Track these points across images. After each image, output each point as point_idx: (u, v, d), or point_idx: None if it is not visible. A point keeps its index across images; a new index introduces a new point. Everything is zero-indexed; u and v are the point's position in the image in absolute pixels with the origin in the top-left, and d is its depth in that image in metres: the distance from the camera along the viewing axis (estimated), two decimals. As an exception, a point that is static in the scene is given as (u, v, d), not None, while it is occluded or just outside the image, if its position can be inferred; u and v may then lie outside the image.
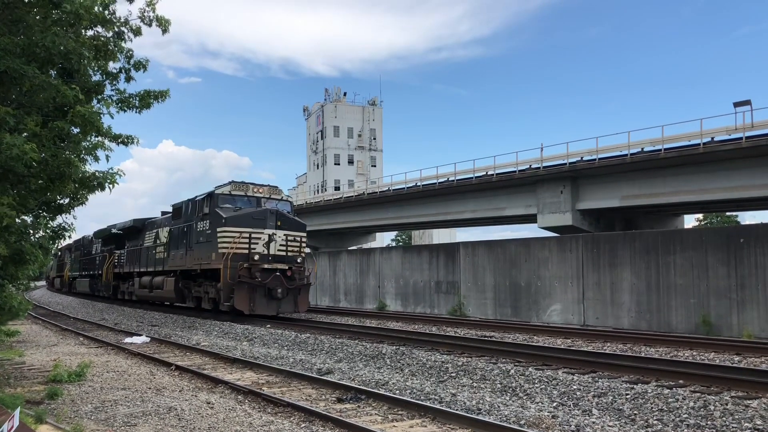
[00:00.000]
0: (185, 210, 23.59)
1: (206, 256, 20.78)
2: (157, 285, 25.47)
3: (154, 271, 26.26)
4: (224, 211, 20.39)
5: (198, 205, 21.98)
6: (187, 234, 22.69)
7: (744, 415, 6.86)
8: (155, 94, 9.16)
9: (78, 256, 44.53)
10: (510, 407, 7.77)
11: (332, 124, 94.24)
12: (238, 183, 21.51)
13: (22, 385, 9.97)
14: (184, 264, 22.68)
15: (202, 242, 21.19)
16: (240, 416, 7.70)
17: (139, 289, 27.97)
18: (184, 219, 23.48)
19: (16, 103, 7.97)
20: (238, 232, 19.75)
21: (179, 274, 23.47)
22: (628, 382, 8.66)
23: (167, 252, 24.79)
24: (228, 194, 21.05)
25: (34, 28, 7.63)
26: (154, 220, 28.62)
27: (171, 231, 24.62)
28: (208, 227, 20.82)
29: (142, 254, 28.32)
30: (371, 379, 9.90)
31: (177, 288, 23.45)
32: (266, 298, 19.64)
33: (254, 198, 21.37)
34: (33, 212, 9.66)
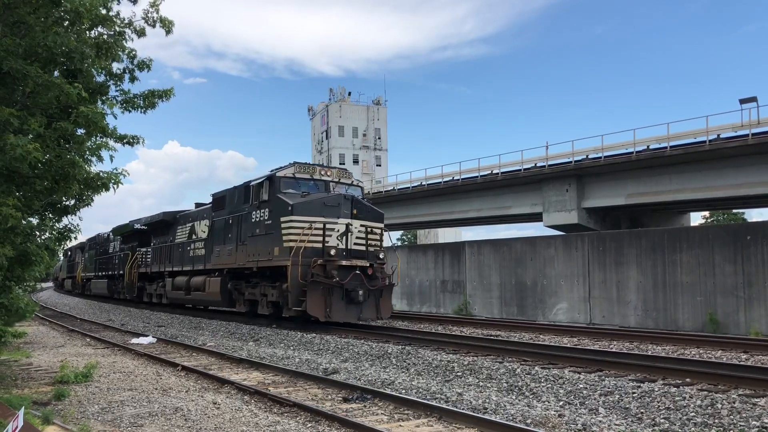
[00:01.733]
0: (231, 199, 20.39)
1: (265, 252, 17.47)
2: (196, 286, 22.18)
3: (192, 271, 22.97)
4: (289, 197, 17.08)
5: (252, 192, 18.64)
6: (236, 226, 19.49)
7: (752, 413, 6.82)
8: (159, 93, 9.17)
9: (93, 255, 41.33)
10: (516, 406, 7.75)
11: (337, 124, 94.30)
12: (302, 164, 18.11)
13: (29, 386, 10.00)
14: (234, 261, 19.37)
15: (259, 235, 17.87)
16: (246, 416, 7.70)
17: (173, 291, 24.62)
18: (229, 209, 20.33)
19: (20, 104, 7.99)
20: (309, 222, 16.44)
21: (226, 274, 20.20)
22: (634, 381, 8.62)
23: (208, 248, 21.76)
24: (291, 177, 17.69)
25: (36, 29, 7.65)
26: (187, 212, 25.65)
27: (213, 224, 21.46)
28: (267, 217, 17.54)
29: (173, 251, 25.46)
30: (377, 379, 9.89)
31: (224, 290, 20.20)
32: (344, 302, 16.28)
33: (321, 182, 17.95)
34: (38, 213, 9.69)
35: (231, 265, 19.62)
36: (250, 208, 18.59)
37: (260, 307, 18.63)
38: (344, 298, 16.23)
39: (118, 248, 34.50)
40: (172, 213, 26.88)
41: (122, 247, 33.52)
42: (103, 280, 36.75)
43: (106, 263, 37.05)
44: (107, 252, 37.34)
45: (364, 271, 16.73)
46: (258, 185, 18.30)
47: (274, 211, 17.33)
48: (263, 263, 17.57)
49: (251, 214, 18.45)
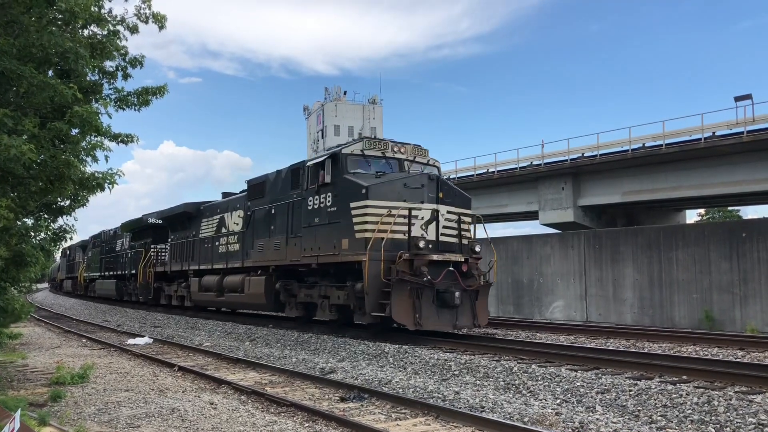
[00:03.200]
0: (274, 184, 17.67)
1: (327, 245, 14.47)
2: (232, 287, 19.32)
3: (225, 269, 20.05)
4: (360, 177, 14.19)
5: (306, 174, 15.75)
6: (283, 216, 16.64)
7: (748, 410, 6.83)
8: (153, 90, 9.15)
9: (97, 254, 38.00)
10: (513, 404, 7.75)
11: (333, 123, 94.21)
12: (372, 139, 15.24)
13: (25, 388, 9.96)
14: (283, 257, 16.34)
15: (319, 225, 14.87)
16: (243, 416, 7.68)
17: (199, 293, 21.72)
18: (272, 197, 17.61)
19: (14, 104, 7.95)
20: (387, 208, 13.45)
21: (272, 272, 17.19)
22: (631, 378, 8.63)
23: (245, 242, 18.89)
24: (360, 155, 14.72)
25: (30, 29, 7.62)
26: (213, 203, 23.00)
27: (253, 214, 18.46)
28: (329, 203, 14.64)
29: (197, 248, 22.74)
30: (374, 378, 9.89)
31: (269, 290, 17.14)
32: (435, 306, 13.20)
33: (394, 161, 14.97)
34: (33, 214, 9.66)
35: (279, 261, 16.58)
36: (306, 194, 15.58)
37: (319, 312, 15.56)
38: (435, 301, 13.20)
39: (128, 245, 31.77)
40: (194, 204, 24.11)
41: (132, 245, 30.85)
42: (111, 280, 33.82)
43: (114, 262, 34.17)
44: (114, 250, 34.56)
45: (458, 267, 13.72)
46: (316, 166, 15.25)
47: (340, 196, 14.26)
48: (325, 258, 14.54)
49: (306, 201, 15.48)
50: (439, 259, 13.47)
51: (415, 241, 13.37)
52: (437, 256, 13.49)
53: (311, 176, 15.52)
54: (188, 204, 24.39)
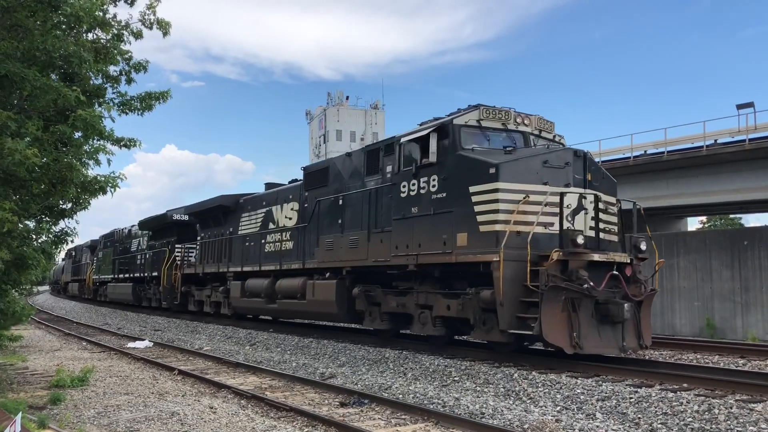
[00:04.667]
0: (343, 169, 14.97)
1: (434, 241, 11.52)
2: (288, 292, 16.32)
3: (278, 271, 17.15)
4: (483, 154, 11.29)
5: (399, 153, 12.79)
6: (360, 206, 13.88)
7: (749, 418, 6.82)
8: (156, 95, 9.18)
9: (109, 254, 35.05)
10: (513, 411, 7.74)
11: (335, 128, 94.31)
12: (490, 108, 12.02)
13: (25, 390, 9.97)
14: (363, 257, 13.43)
15: (419, 216, 11.98)
16: (243, 421, 7.68)
17: (244, 299, 18.83)
18: (339, 184, 14.94)
19: (18, 107, 7.98)
20: (524, 192, 10.50)
21: (347, 275, 14.26)
22: (632, 386, 8.61)
23: (304, 239, 16.09)
24: (476, 126, 11.79)
25: (34, 32, 7.66)
26: (255, 195, 20.34)
27: (317, 205, 15.52)
28: (436, 187, 11.67)
29: (235, 246, 20.04)
30: (374, 384, 9.88)
31: (342, 297, 14.22)
32: (595, 321, 10.15)
33: (518, 134, 12.10)
34: (35, 217, 9.67)
35: (357, 262, 13.69)
36: (396, 178, 12.72)
37: (416, 325, 12.53)
38: (594, 315, 10.17)
39: (146, 245, 29.14)
40: (232, 197, 21.35)
41: (152, 244, 28.17)
42: (126, 284, 30.92)
43: (129, 264, 31.26)
44: (129, 250, 31.93)
45: (622, 270, 10.72)
46: (413, 143, 12.32)
47: (452, 178, 11.39)
48: (430, 258, 11.67)
49: (397, 187, 12.63)
50: (601, 259, 10.40)
51: (571, 236, 10.29)
52: (599, 255, 10.41)
53: (404, 156, 12.63)
54: (225, 196, 21.51)
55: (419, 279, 12.53)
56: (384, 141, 13.89)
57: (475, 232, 10.78)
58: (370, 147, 14.32)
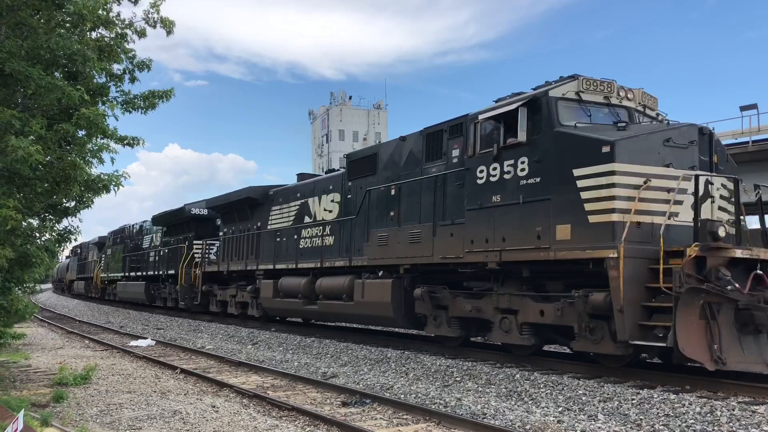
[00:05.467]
0: (396, 155, 13.54)
1: (523, 234, 10.01)
2: (332, 292, 14.86)
3: (317, 269, 15.72)
4: (590, 130, 9.78)
5: (476, 133, 11.13)
6: (417, 197, 12.52)
7: (751, 420, 6.81)
8: (159, 94, 9.21)
9: (119, 251, 33.63)
10: (515, 412, 7.74)
11: (337, 128, 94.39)
12: (590, 79, 10.48)
13: (28, 388, 9.99)
14: (427, 253, 11.93)
15: (502, 205, 10.43)
16: (245, 420, 7.69)
17: (276, 299, 17.37)
18: (392, 172, 13.50)
19: (22, 105, 8.01)
20: (644, 176, 9.07)
21: (405, 273, 12.78)
22: (633, 387, 8.61)
23: (348, 233, 14.76)
24: (575, 99, 10.27)
25: (38, 31, 7.68)
26: (286, 187, 18.90)
27: (366, 195, 14.09)
28: (527, 170, 10.07)
29: (263, 242, 18.64)
30: (376, 383, 9.89)
31: (398, 298, 12.79)
32: (737, 330, 8.47)
33: (622, 110, 10.56)
34: (39, 215, 9.70)
35: (420, 259, 12.19)
36: (471, 162, 11.11)
37: (496, 333, 10.98)
38: (735, 323, 8.47)
39: (160, 241, 27.83)
40: (261, 189, 19.77)
41: (167, 240, 26.87)
42: (138, 282, 29.48)
43: (141, 261, 29.91)
44: (140, 247, 30.63)
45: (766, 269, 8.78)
46: (493, 120, 10.79)
47: (548, 160, 9.83)
48: (518, 255, 10.12)
49: (472, 173, 11.07)
50: (744, 256, 8.58)
51: (710, 228, 8.60)
52: (742, 251, 8.63)
53: (481, 136, 11.05)
54: (253, 188, 19.99)
55: (500, 279, 10.96)
56: (448, 122, 12.15)
57: (581, 223, 9.24)
58: (429, 129, 12.60)
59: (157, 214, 27.76)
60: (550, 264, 9.82)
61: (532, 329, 10.49)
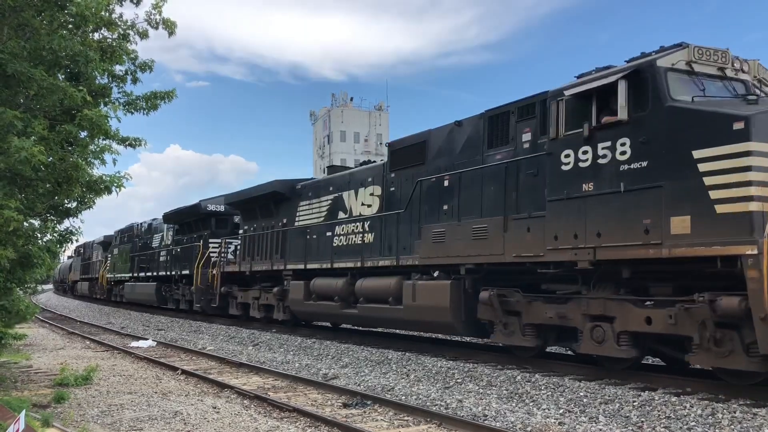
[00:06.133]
0: (451, 142, 12.41)
1: (624, 227, 8.67)
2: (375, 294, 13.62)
3: (356, 269, 14.51)
4: (712, 105, 8.54)
5: (561, 112, 9.74)
6: (478, 187, 11.36)
7: (752, 423, 6.81)
8: (161, 95, 9.22)
9: (127, 250, 32.63)
10: (516, 414, 7.74)
11: (339, 129, 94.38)
12: (703, 48, 9.18)
13: (29, 389, 10.00)
14: (497, 251, 10.60)
15: (595, 195, 9.09)
16: (246, 421, 7.70)
17: (308, 302, 16.04)
18: (444, 161, 12.44)
19: (24, 107, 8.02)
20: None
21: (466, 274, 11.36)
22: (635, 389, 8.60)
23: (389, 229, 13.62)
24: (686, 70, 8.98)
25: (41, 32, 7.70)
26: (315, 180, 18.30)
27: (417, 186, 12.82)
28: (629, 153, 8.75)
29: (290, 240, 17.48)
30: (377, 385, 9.89)
31: (458, 302, 11.40)
32: None
33: (739, 83, 9.25)
34: (41, 216, 9.71)
35: (487, 257, 10.83)
36: (556, 146, 9.71)
37: (586, 343, 9.50)
38: None
39: (171, 240, 26.77)
40: (288, 183, 18.61)
41: (179, 239, 25.71)
42: (148, 283, 28.32)
43: (151, 261, 28.83)
44: (150, 246, 29.59)
45: None
46: (582, 96, 9.49)
47: (660, 139, 8.50)
48: (622, 252, 8.75)
49: (555, 158, 9.71)
50: None
51: None
52: None
53: (566, 116, 9.70)
54: (280, 182, 18.78)
55: (590, 280, 9.56)
56: (515, 103, 11.04)
57: (705, 214, 7.90)
58: (492, 112, 11.44)
59: (169, 212, 26.71)
60: (660, 263, 8.46)
61: (632, 339, 8.98)
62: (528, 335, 10.47)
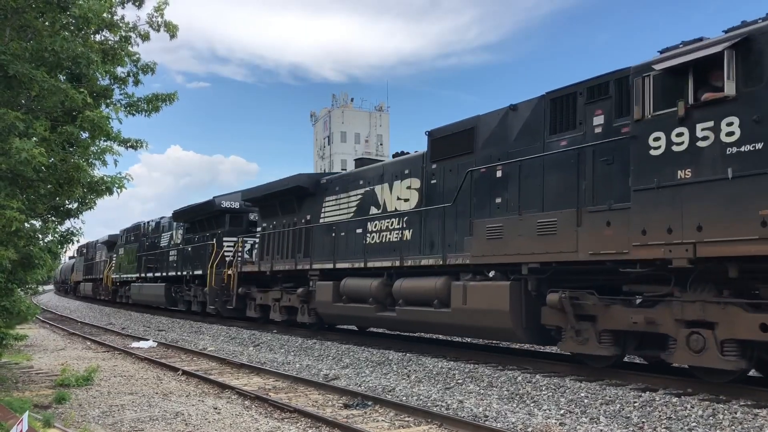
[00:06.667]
0: (504, 128, 11.31)
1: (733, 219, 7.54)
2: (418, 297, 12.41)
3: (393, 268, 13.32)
4: None
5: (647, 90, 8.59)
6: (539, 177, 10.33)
7: (753, 423, 6.81)
8: (163, 97, 9.23)
9: (133, 250, 31.61)
10: (517, 414, 7.74)
11: (339, 130, 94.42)
12: None
13: (30, 389, 10.01)
14: (569, 248, 9.43)
15: (695, 182, 7.97)
16: (247, 422, 7.70)
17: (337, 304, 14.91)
18: (496, 149, 11.36)
19: (26, 108, 8.04)
20: None
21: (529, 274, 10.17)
22: (636, 390, 8.61)
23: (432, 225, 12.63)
24: None
25: (43, 33, 7.72)
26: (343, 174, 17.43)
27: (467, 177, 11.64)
28: (736, 134, 7.64)
29: (315, 238, 16.45)
30: (378, 386, 9.89)
31: (518, 306, 10.33)
32: None
33: None
34: (42, 217, 9.73)
35: (557, 255, 9.59)
36: (642, 129, 8.56)
37: (680, 353, 8.49)
38: None
39: (181, 239, 25.80)
40: (312, 177, 17.86)
41: (190, 238, 24.77)
42: (157, 284, 27.22)
43: (160, 261, 27.68)
44: (158, 246, 28.53)
45: None
46: (673, 71, 8.33)
47: None
48: (730, 248, 7.63)
49: (641, 142, 8.54)
50: None
51: None
52: None
53: (656, 93, 8.52)
54: (303, 176, 17.82)
55: (686, 281, 8.41)
56: (584, 82, 9.95)
57: None
58: (555, 93, 10.40)
59: (179, 209, 25.67)
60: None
61: (740, 348, 7.90)
62: (605, 343, 9.37)
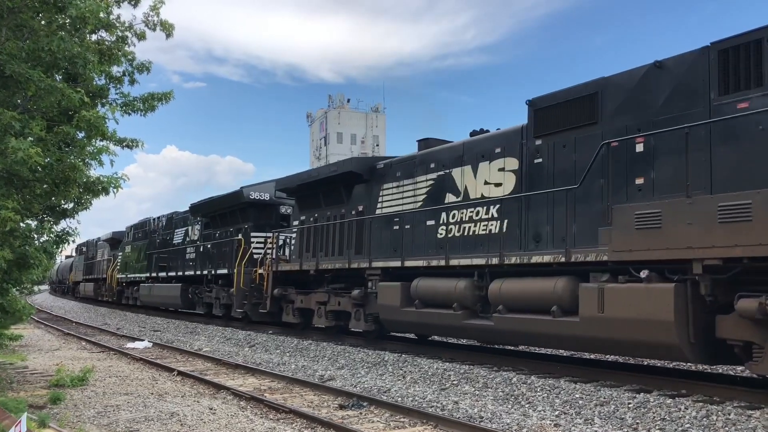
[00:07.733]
0: (647, 89, 9.25)
1: None
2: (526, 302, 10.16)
3: (487, 266, 11.10)
4: None
5: None
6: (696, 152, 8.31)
7: (747, 425, 6.84)
8: (159, 96, 9.23)
9: (142, 248, 29.20)
10: (512, 415, 7.76)
11: (335, 131, 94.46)
12: None
13: (25, 389, 9.99)
14: None
15: None
16: (242, 422, 7.70)
17: (409, 309, 12.54)
18: (636, 115, 9.29)
19: (22, 107, 8.03)
20: None
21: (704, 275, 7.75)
22: (630, 391, 8.64)
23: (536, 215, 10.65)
24: None
25: (39, 33, 7.71)
26: (405, 157, 14.38)
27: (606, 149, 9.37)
28: None
29: (375, 231, 14.34)
30: (373, 386, 9.90)
31: (685, 315, 7.99)
32: None
33: None
34: (38, 216, 9.71)
35: (750, 248, 7.27)
36: None
37: None
38: None
39: (199, 235, 23.60)
40: (365, 161, 15.66)
41: (210, 234, 22.51)
42: (171, 285, 24.78)
43: (174, 259, 25.47)
44: (171, 243, 26.32)
45: None
46: None
47: None
48: None
49: None
50: None
51: None
52: None
53: None
54: (355, 160, 16.00)
55: None
56: None
57: None
58: (725, 43, 8.26)
59: (197, 202, 23.48)
60: None
61: None
62: None
